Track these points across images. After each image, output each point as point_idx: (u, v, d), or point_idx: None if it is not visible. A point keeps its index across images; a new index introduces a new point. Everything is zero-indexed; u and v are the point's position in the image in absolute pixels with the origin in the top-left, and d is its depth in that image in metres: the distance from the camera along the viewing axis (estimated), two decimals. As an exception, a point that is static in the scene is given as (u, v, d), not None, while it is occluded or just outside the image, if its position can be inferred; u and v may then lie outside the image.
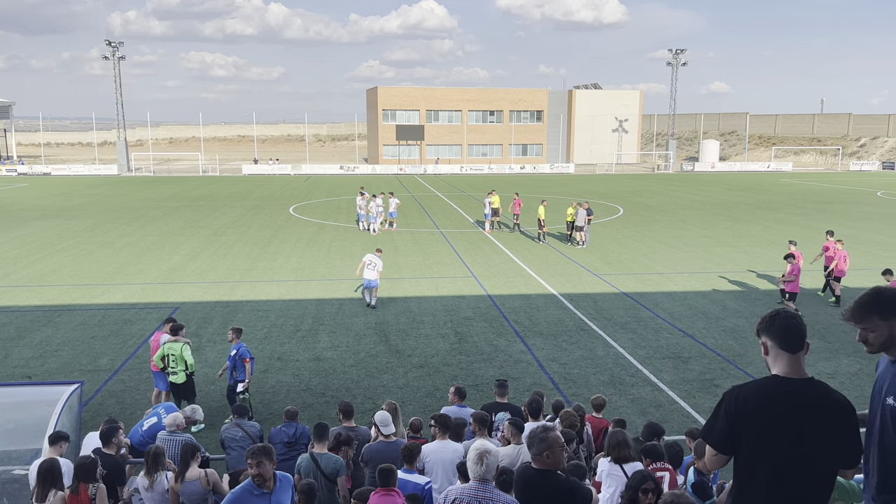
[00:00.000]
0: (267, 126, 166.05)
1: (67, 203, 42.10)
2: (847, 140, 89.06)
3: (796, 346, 3.31)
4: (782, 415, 3.20)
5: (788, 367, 3.29)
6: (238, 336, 11.18)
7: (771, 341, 3.35)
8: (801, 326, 3.33)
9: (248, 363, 10.95)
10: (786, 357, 3.31)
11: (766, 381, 3.34)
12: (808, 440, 3.17)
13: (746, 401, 3.27)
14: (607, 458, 6.53)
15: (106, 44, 70.74)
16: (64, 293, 19.21)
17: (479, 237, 29.23)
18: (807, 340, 3.35)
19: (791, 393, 3.24)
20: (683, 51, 77.44)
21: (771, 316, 3.38)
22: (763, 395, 3.28)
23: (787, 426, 3.20)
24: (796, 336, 3.31)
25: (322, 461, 7.02)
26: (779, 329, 3.33)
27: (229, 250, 25.79)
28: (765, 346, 3.38)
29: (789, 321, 3.33)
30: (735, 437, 3.30)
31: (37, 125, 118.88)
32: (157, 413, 8.93)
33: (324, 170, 71.77)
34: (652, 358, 14.03)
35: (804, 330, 3.34)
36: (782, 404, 3.22)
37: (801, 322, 3.35)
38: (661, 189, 52.61)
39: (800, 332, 3.32)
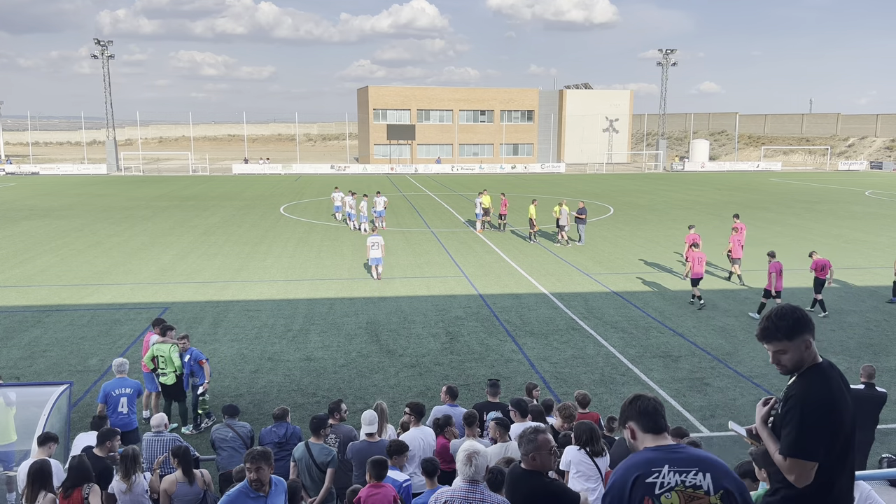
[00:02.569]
0: (257, 125, 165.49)
1: (56, 203, 41.83)
2: (836, 140, 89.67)
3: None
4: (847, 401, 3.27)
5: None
6: (188, 341, 11.02)
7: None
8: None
9: (205, 364, 10.84)
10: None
11: (835, 374, 3.33)
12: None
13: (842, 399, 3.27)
14: (576, 448, 6.53)
15: (95, 42, 70.33)
16: (53, 293, 19.09)
17: (471, 237, 29.25)
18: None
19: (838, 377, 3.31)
20: (673, 51, 77.71)
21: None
22: (844, 391, 3.31)
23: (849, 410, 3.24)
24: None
25: (315, 450, 7.13)
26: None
27: (220, 250, 25.70)
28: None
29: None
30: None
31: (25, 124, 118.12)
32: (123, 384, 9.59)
33: (314, 169, 71.60)
34: (642, 357, 14.08)
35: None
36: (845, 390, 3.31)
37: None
38: (651, 189, 52.80)
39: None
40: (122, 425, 9.09)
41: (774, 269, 16.62)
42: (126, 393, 9.47)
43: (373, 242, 20.47)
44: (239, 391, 12.32)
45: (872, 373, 9.19)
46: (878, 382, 12.71)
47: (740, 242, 20.91)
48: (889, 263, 23.22)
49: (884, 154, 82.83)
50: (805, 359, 3.32)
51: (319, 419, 7.45)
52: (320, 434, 7.39)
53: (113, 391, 9.44)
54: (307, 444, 7.30)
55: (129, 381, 9.69)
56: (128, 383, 9.59)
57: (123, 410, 9.42)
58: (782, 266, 16.87)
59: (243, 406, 11.35)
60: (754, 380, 12.86)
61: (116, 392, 9.44)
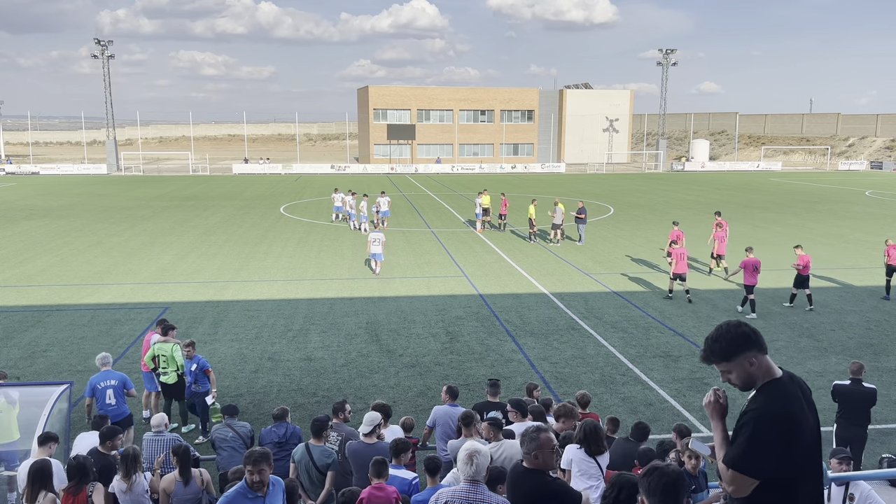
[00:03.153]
0: (257, 125, 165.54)
1: (56, 203, 41.83)
2: (836, 140, 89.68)
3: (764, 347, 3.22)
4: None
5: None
6: (193, 349, 10.70)
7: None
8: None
9: (211, 374, 10.59)
10: (769, 361, 3.23)
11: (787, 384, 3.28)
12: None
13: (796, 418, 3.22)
14: (577, 447, 6.53)
15: (95, 42, 70.35)
16: (53, 293, 19.09)
17: (471, 237, 29.25)
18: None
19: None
20: (674, 51, 77.71)
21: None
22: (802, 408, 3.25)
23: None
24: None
25: (315, 453, 7.12)
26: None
27: (220, 250, 25.70)
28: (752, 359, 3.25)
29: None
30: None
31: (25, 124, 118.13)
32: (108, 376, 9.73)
33: (314, 169, 71.61)
34: (642, 357, 14.08)
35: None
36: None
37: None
38: (651, 188, 52.80)
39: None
40: (113, 416, 9.36)
41: (746, 265, 16.92)
42: (111, 385, 9.67)
43: (374, 238, 21.40)
44: (239, 391, 12.32)
45: (859, 369, 9.22)
46: (879, 382, 12.73)
47: (723, 239, 21.81)
48: (889, 263, 23.23)
49: (884, 154, 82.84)
50: (755, 375, 3.22)
51: (320, 421, 7.42)
52: (321, 436, 7.37)
53: (98, 384, 9.64)
54: (307, 445, 7.28)
55: (114, 373, 9.89)
56: (113, 375, 9.80)
57: (111, 402, 9.62)
58: (759, 262, 17.07)
59: (243, 406, 11.35)
60: (754, 380, 12.84)
61: (102, 385, 9.64)
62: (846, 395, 9.11)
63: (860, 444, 9.09)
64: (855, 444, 8.91)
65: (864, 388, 9.12)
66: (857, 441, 9.03)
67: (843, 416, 9.14)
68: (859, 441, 9.07)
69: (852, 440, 8.92)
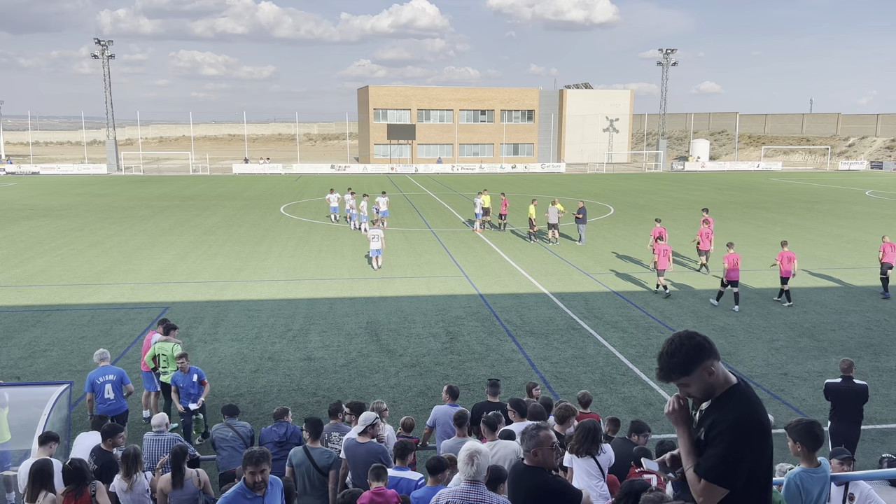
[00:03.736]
0: (257, 125, 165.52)
1: (56, 202, 41.84)
2: (836, 140, 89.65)
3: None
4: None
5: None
6: (187, 360, 10.26)
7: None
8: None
9: (206, 385, 10.29)
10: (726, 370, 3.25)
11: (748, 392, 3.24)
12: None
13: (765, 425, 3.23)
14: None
15: (95, 42, 70.33)
16: (53, 293, 19.09)
17: (471, 237, 29.26)
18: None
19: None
20: (674, 50, 77.68)
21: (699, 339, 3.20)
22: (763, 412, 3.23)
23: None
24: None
25: (315, 454, 7.11)
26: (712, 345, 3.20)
27: (220, 250, 25.71)
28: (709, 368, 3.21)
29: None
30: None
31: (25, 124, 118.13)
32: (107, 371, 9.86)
33: (315, 169, 71.62)
34: (643, 356, 14.08)
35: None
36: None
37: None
38: (651, 188, 52.80)
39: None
40: (112, 410, 9.57)
41: (730, 259, 17.50)
42: (110, 380, 9.79)
43: (373, 235, 22.19)
44: (239, 391, 12.33)
45: (849, 366, 9.32)
46: (879, 382, 12.74)
47: (709, 235, 22.27)
48: (889, 263, 23.23)
49: (884, 154, 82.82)
50: (714, 384, 3.15)
51: (317, 423, 7.38)
52: (319, 437, 7.35)
53: (97, 379, 9.74)
54: (306, 448, 7.21)
55: (112, 368, 10.01)
56: (111, 370, 9.92)
57: (110, 397, 9.74)
58: (739, 258, 17.67)
59: (243, 406, 11.34)
60: (754, 380, 12.85)
61: (101, 380, 9.75)
62: (838, 392, 9.19)
63: (854, 441, 9.17)
64: (849, 441, 9.00)
65: (856, 385, 9.20)
66: (851, 437, 9.12)
67: (836, 413, 9.23)
68: (853, 437, 9.16)
69: (846, 437, 9.04)
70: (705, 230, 22.46)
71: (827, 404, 9.66)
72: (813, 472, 4.82)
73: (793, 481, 4.76)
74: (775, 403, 11.81)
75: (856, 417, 9.18)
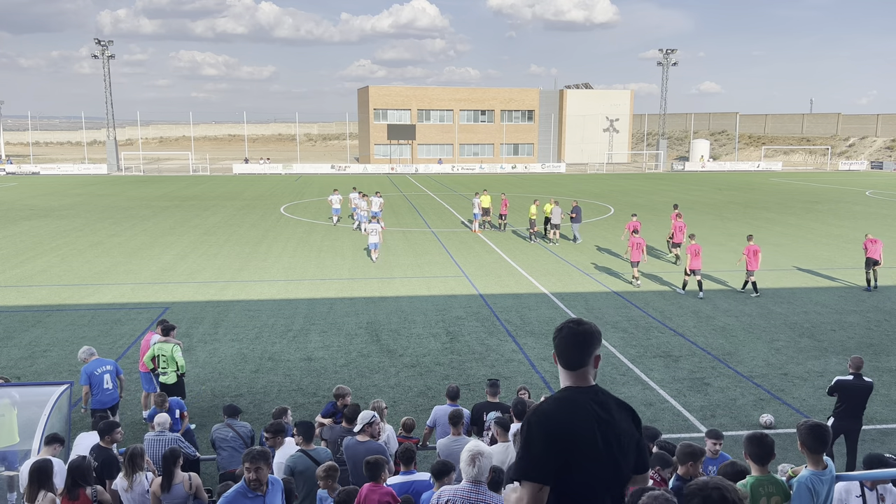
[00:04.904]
0: (258, 125, 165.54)
1: (56, 203, 41.84)
2: (836, 140, 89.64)
3: (575, 363, 3.12)
4: (587, 426, 3.00)
5: (575, 380, 3.13)
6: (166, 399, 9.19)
7: (557, 355, 3.19)
8: (584, 338, 3.10)
9: (186, 417, 9.65)
10: (567, 374, 3.14)
11: (562, 394, 3.14)
12: (613, 448, 3.01)
13: (549, 419, 3.04)
14: None
15: (95, 42, 70.35)
16: (53, 293, 19.09)
17: (471, 237, 29.26)
18: (596, 353, 3.12)
19: (586, 402, 3.05)
20: (674, 51, 77.68)
21: (557, 329, 3.19)
22: (563, 410, 3.05)
23: (593, 437, 2.99)
24: (578, 351, 3.11)
25: (316, 455, 7.10)
26: (559, 345, 3.16)
27: (220, 250, 25.71)
28: (554, 357, 3.23)
29: (570, 337, 3.12)
30: (554, 462, 2.98)
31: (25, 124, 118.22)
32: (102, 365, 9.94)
33: (315, 169, 71.62)
34: (643, 357, 14.08)
35: (587, 342, 3.10)
36: (584, 416, 3.02)
37: (582, 335, 3.11)
38: (651, 189, 52.79)
39: (579, 347, 3.10)
40: (112, 400, 9.78)
41: (692, 249, 18.72)
42: (108, 370, 9.94)
43: (372, 229, 23.76)
44: (239, 391, 12.33)
45: (860, 363, 9.45)
46: (879, 382, 12.76)
47: (682, 229, 23.48)
48: (890, 263, 23.24)
49: (884, 154, 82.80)
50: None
51: (307, 425, 7.37)
52: (312, 439, 7.32)
53: (95, 371, 9.84)
54: (305, 452, 7.14)
55: (106, 359, 10.15)
56: (106, 361, 10.08)
57: (108, 386, 9.89)
58: (700, 248, 18.92)
59: (243, 406, 11.33)
60: (755, 380, 12.85)
61: (99, 371, 9.86)
62: (849, 389, 9.33)
63: (855, 436, 9.34)
64: (851, 436, 9.23)
65: (865, 382, 9.40)
66: (853, 432, 9.31)
67: (843, 409, 9.36)
68: (855, 432, 9.33)
69: (849, 432, 9.28)
70: (679, 224, 23.79)
71: (827, 403, 9.70)
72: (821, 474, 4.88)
73: (804, 484, 4.85)
74: (775, 403, 11.81)
75: (860, 413, 9.38)
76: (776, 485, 4.95)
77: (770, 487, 4.93)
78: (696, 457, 5.95)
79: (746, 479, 5.02)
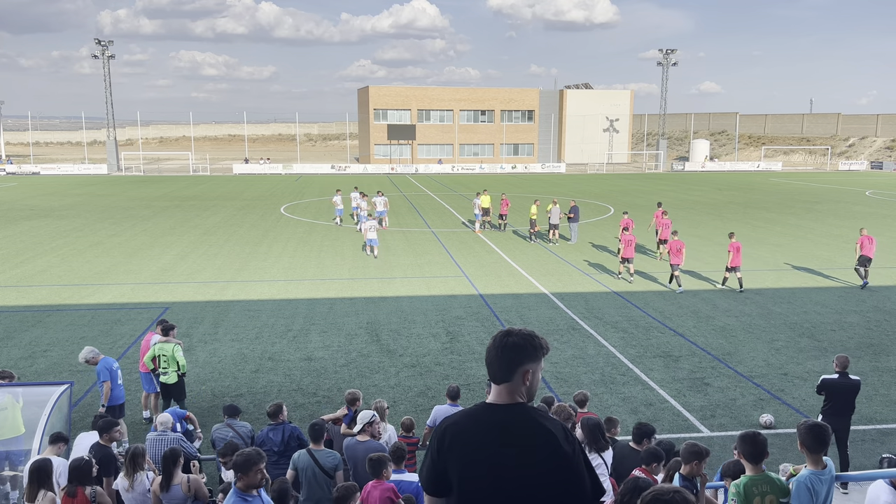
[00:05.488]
0: (258, 125, 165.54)
1: (57, 203, 41.85)
2: (836, 140, 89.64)
3: (498, 376, 2.86)
4: (481, 445, 2.77)
5: (495, 396, 2.89)
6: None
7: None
8: (507, 352, 2.83)
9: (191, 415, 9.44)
10: (493, 388, 2.91)
11: (472, 408, 2.96)
12: (503, 480, 2.73)
13: (446, 433, 2.87)
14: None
15: (95, 42, 70.35)
16: (53, 293, 19.10)
17: (471, 237, 29.26)
18: (525, 369, 2.83)
19: (492, 422, 2.81)
20: (674, 51, 77.67)
21: (492, 338, 2.93)
22: (462, 424, 2.87)
23: (484, 457, 2.75)
24: (499, 365, 2.85)
25: (320, 457, 7.11)
26: (486, 355, 2.92)
27: (220, 250, 25.71)
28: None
29: (493, 349, 2.87)
30: (443, 476, 2.84)
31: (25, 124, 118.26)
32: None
33: (315, 169, 71.62)
34: (643, 357, 14.08)
35: (513, 355, 2.83)
36: (483, 433, 2.80)
37: (508, 348, 2.84)
38: (651, 189, 52.80)
39: (502, 361, 2.84)
40: (121, 396, 10.06)
41: (674, 245, 19.47)
42: (119, 366, 10.24)
43: (370, 226, 24.43)
44: (239, 391, 12.33)
45: (846, 362, 9.51)
46: (879, 382, 12.77)
47: (668, 225, 24.01)
48: (890, 263, 23.28)
49: (884, 154, 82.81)
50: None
51: (319, 426, 7.40)
52: (321, 440, 7.35)
53: (112, 366, 9.99)
54: (310, 451, 7.21)
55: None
56: (112, 360, 10.22)
57: (121, 382, 10.23)
58: (683, 244, 19.65)
59: (243, 406, 11.33)
60: (754, 380, 12.86)
61: (115, 367, 10.07)
62: (835, 387, 9.38)
63: (845, 434, 9.40)
64: (839, 435, 9.26)
65: (851, 381, 9.44)
66: (843, 431, 9.35)
67: (830, 408, 9.43)
68: (843, 431, 9.38)
69: (837, 431, 9.33)
70: (665, 221, 24.46)
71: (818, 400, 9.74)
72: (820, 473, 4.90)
73: (803, 484, 4.87)
74: (775, 403, 11.82)
75: (848, 412, 9.42)
76: (771, 483, 4.96)
77: (764, 486, 4.94)
78: (700, 456, 5.96)
79: (739, 480, 5.04)
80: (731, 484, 5.11)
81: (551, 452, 2.74)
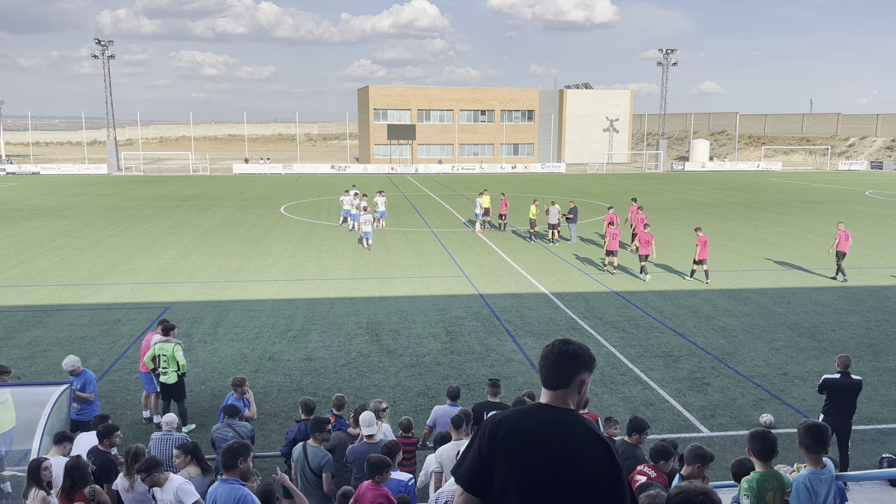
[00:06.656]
0: (258, 125, 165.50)
1: (57, 203, 41.84)
2: (836, 140, 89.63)
3: (554, 383, 2.89)
4: (539, 441, 2.78)
5: (549, 399, 2.92)
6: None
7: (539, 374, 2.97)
8: (567, 359, 2.88)
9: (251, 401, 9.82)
10: (545, 393, 2.93)
11: (528, 408, 2.98)
12: (565, 470, 2.73)
13: (500, 425, 2.84)
14: None
15: (95, 42, 70.34)
16: (53, 293, 19.09)
17: (471, 237, 29.26)
18: (581, 378, 2.87)
19: (551, 419, 2.83)
20: (674, 51, 77.66)
21: (545, 346, 2.97)
22: (517, 419, 2.87)
23: (542, 454, 2.75)
24: (556, 371, 2.88)
25: (310, 453, 7.09)
26: (542, 362, 2.93)
27: (220, 250, 25.71)
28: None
29: (551, 355, 2.89)
30: (489, 470, 2.80)
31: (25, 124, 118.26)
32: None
33: (315, 169, 71.61)
34: (643, 357, 14.08)
35: (571, 363, 2.87)
36: (541, 429, 2.80)
37: (567, 356, 2.88)
38: (651, 188, 52.79)
39: (561, 368, 2.87)
40: (96, 410, 9.91)
41: (643, 237, 20.87)
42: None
43: (365, 220, 26.00)
44: (239, 391, 12.31)
45: (848, 362, 9.54)
46: (879, 382, 12.77)
47: (643, 221, 24.17)
48: (890, 264, 23.29)
49: (884, 154, 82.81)
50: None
51: (319, 421, 7.41)
52: (318, 436, 7.35)
53: (94, 380, 10.14)
54: (304, 445, 7.26)
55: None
56: (92, 373, 10.28)
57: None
58: (652, 237, 21.04)
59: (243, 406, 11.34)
60: (754, 380, 12.86)
61: (95, 381, 10.17)
62: (836, 387, 9.38)
63: (846, 434, 9.41)
64: (841, 434, 9.28)
65: (853, 381, 9.45)
66: (844, 431, 9.37)
67: (831, 408, 9.44)
68: (845, 430, 9.39)
69: (839, 430, 9.34)
70: (640, 216, 25.09)
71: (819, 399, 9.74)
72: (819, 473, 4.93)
73: (802, 483, 4.92)
74: (775, 403, 11.82)
75: (850, 411, 9.43)
76: (779, 479, 5.12)
77: (774, 482, 5.08)
78: (704, 460, 5.97)
79: (751, 476, 5.16)
80: (743, 480, 5.22)
81: (606, 460, 2.78)
